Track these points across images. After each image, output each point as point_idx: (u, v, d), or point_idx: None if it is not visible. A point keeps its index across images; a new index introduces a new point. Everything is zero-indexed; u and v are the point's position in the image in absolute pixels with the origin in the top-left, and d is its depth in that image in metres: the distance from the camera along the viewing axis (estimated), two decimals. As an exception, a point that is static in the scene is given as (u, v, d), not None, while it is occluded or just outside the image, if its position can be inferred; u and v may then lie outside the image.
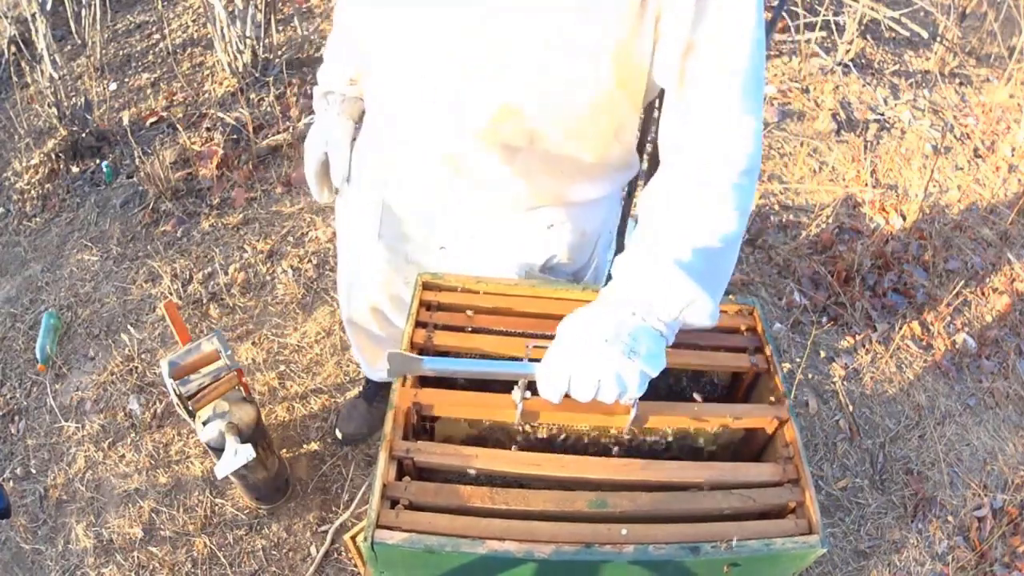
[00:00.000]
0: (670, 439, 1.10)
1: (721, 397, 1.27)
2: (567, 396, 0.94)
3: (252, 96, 3.10)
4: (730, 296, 1.19)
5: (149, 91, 3.22)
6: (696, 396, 1.12)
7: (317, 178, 1.38)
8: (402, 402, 1.03)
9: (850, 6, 3.34)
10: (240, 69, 3.12)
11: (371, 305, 1.59)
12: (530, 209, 1.20)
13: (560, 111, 1.03)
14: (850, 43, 3.36)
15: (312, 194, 1.43)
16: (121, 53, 3.44)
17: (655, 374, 0.92)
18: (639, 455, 1.13)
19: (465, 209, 1.22)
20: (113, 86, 3.25)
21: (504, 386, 1.07)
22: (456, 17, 0.97)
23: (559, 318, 1.15)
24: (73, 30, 3.25)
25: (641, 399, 0.98)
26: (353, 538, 1.88)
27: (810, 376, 2.35)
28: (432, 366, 0.99)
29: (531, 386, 1.00)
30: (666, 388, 1.23)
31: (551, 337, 0.98)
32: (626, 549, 0.91)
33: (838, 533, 2.04)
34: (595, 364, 0.90)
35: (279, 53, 3.28)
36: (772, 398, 1.10)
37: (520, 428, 1.08)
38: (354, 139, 1.36)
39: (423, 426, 1.10)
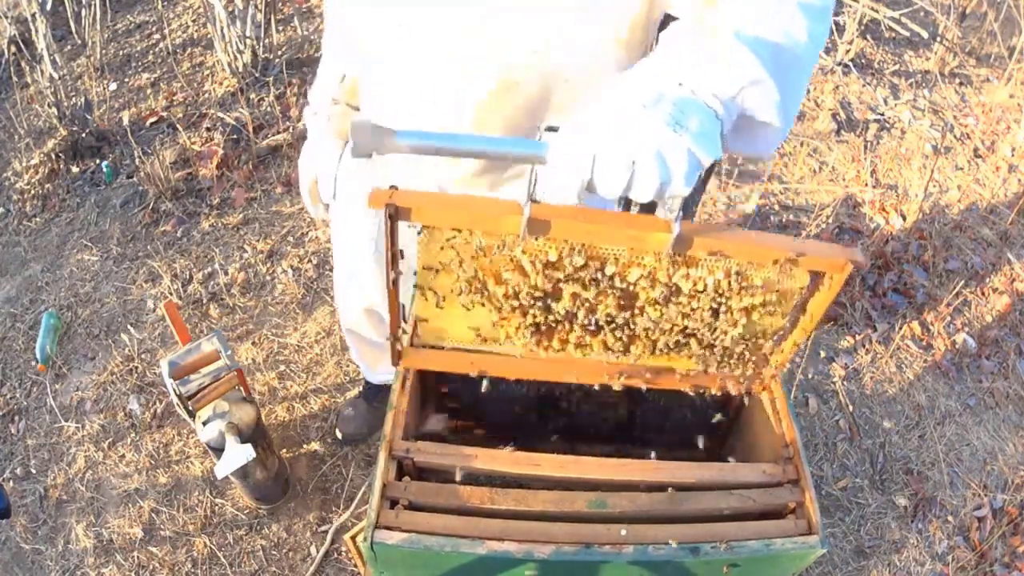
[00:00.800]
0: (718, 277, 0.90)
1: (720, 398, 1.27)
2: (588, 195, 0.75)
3: (252, 96, 3.10)
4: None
5: (149, 91, 3.22)
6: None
7: (311, 196, 1.41)
8: (400, 401, 1.03)
9: (850, 6, 3.34)
10: (240, 69, 3.12)
11: (367, 306, 1.59)
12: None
13: (558, 89, 1.03)
14: (850, 43, 3.36)
15: (308, 210, 1.44)
16: (121, 53, 3.44)
17: (708, 161, 0.71)
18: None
19: None
20: (113, 86, 3.25)
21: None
22: (456, 17, 0.97)
23: None
24: (73, 30, 3.25)
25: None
26: (353, 538, 1.88)
27: (810, 376, 2.35)
28: (407, 140, 0.79)
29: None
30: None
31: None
32: (626, 549, 0.91)
33: (838, 533, 2.04)
34: (629, 136, 0.69)
35: (279, 53, 3.28)
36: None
37: (524, 260, 0.90)
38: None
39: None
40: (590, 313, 0.94)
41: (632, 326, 0.96)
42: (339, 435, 2.11)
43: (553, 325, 0.97)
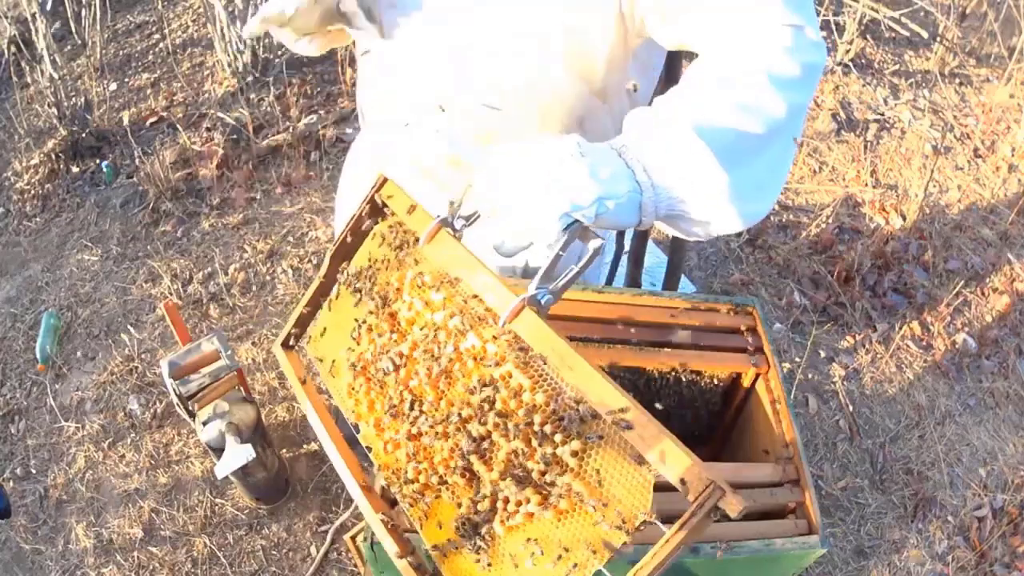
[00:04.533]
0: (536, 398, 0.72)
1: (720, 399, 1.27)
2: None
3: (252, 96, 3.10)
4: (729, 296, 1.19)
5: (149, 91, 3.22)
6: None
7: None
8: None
9: (850, 6, 3.34)
10: (240, 69, 3.11)
11: None
12: None
13: (525, 103, 1.02)
14: (850, 43, 3.36)
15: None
16: (121, 53, 3.44)
17: (587, 203, 0.67)
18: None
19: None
20: (113, 86, 3.25)
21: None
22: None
23: None
24: (73, 30, 3.25)
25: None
26: (353, 538, 1.89)
27: (810, 376, 2.35)
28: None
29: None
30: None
31: None
32: (626, 549, 0.91)
33: (838, 533, 2.04)
34: (533, 148, 0.71)
35: (279, 53, 3.27)
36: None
37: None
38: None
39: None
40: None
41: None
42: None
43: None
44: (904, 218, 2.80)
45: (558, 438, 0.68)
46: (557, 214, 0.67)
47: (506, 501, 0.71)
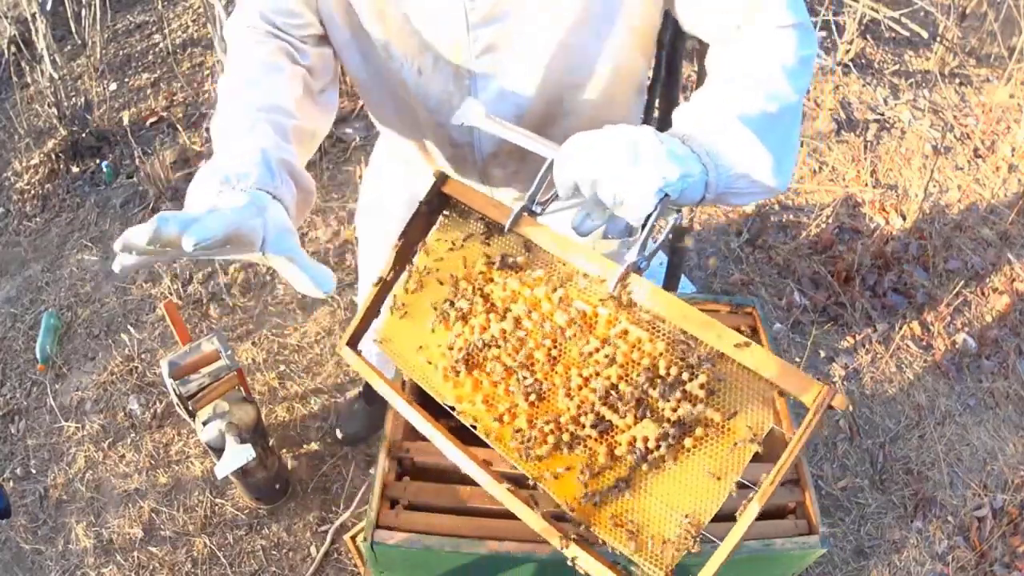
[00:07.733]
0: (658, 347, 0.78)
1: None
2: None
3: (252, 96, 3.10)
4: (729, 296, 1.18)
5: (149, 91, 3.22)
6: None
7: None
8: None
9: (850, 6, 3.34)
10: (240, 69, 3.11)
11: None
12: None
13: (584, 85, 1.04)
14: (850, 43, 3.36)
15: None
16: (121, 53, 3.44)
17: (675, 178, 0.74)
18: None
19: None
20: (113, 86, 3.25)
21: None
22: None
23: None
24: (73, 30, 3.25)
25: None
26: (353, 538, 1.89)
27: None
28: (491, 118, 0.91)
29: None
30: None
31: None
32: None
33: (838, 533, 2.04)
34: (615, 133, 0.78)
35: (279, 53, 3.27)
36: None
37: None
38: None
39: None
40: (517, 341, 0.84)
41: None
42: (339, 435, 2.11)
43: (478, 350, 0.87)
44: (904, 218, 2.80)
45: (685, 376, 0.76)
46: (654, 188, 0.75)
47: (645, 440, 0.76)
